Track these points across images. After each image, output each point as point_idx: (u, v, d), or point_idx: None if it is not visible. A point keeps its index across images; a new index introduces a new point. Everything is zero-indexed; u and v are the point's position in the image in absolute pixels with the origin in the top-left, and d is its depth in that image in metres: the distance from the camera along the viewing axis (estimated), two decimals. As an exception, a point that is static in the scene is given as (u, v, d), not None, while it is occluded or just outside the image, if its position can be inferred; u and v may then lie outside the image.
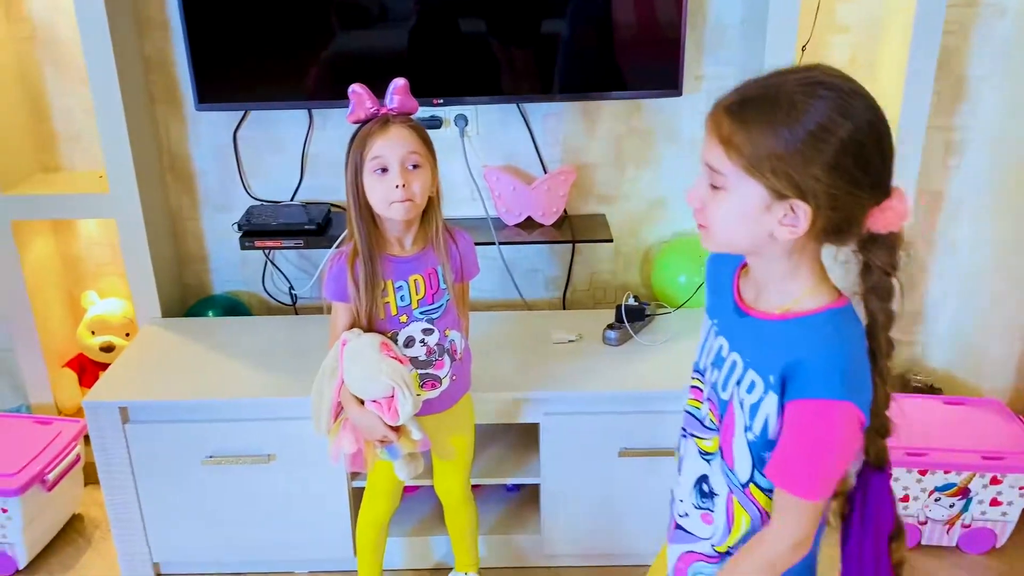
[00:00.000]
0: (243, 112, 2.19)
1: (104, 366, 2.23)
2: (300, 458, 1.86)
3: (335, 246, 2.04)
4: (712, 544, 1.11)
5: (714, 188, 0.97)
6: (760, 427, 0.99)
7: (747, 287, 1.06)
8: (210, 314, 2.27)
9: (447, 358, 1.59)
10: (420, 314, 1.55)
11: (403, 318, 1.54)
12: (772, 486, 1.02)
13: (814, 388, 0.94)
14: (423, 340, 1.55)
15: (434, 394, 1.59)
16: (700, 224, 1.00)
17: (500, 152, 2.23)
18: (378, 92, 1.46)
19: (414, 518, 2.03)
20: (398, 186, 1.43)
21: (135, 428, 1.86)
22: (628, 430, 1.85)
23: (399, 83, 1.46)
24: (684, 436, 1.15)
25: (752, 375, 1.00)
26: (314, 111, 2.19)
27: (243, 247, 2.12)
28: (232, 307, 2.31)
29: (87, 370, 2.35)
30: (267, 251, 2.29)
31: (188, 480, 1.89)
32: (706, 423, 1.10)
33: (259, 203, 2.26)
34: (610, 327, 2.01)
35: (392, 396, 1.46)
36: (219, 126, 2.21)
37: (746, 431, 1.01)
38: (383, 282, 1.52)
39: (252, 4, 1.99)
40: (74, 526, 2.18)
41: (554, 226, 2.20)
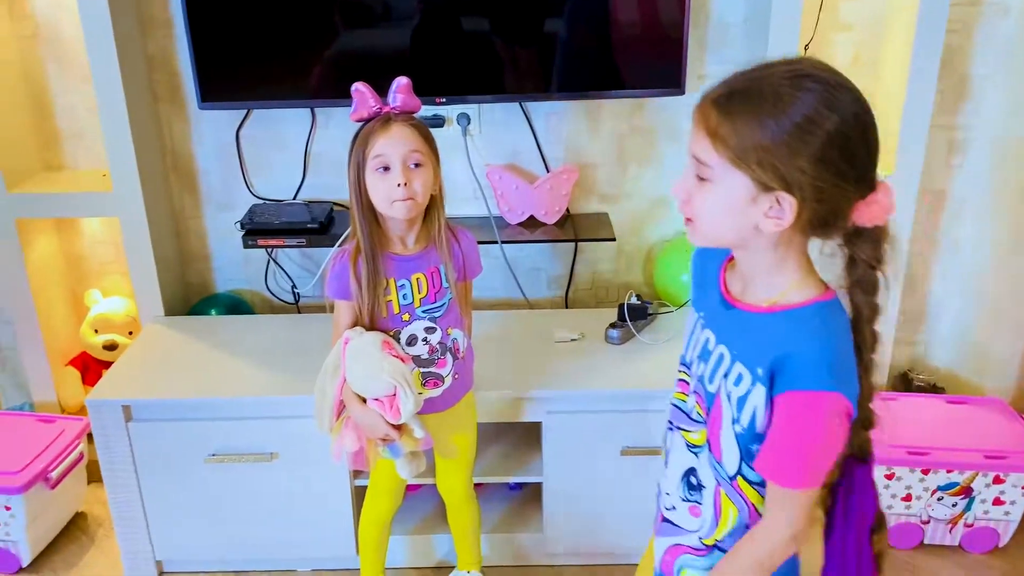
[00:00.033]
0: (246, 111, 2.19)
1: (107, 364, 2.24)
2: (303, 456, 1.87)
3: (338, 245, 2.04)
4: (700, 537, 1.11)
5: (700, 180, 0.97)
6: (748, 419, 1.00)
7: (733, 280, 1.07)
8: (213, 313, 2.27)
9: (449, 357, 1.59)
10: (423, 313, 1.55)
11: (405, 316, 1.54)
12: (760, 479, 1.03)
13: (803, 380, 0.94)
14: (426, 339, 1.56)
15: (436, 392, 1.59)
16: (687, 218, 1.01)
17: (503, 151, 2.23)
18: (381, 91, 1.46)
19: (416, 516, 2.04)
20: (400, 185, 1.43)
21: (138, 426, 1.86)
22: (630, 429, 1.85)
23: (402, 82, 1.46)
24: (670, 429, 1.15)
25: (739, 367, 1.00)
26: (317, 110, 2.19)
27: (246, 246, 2.12)
28: (235, 306, 2.32)
29: (90, 368, 2.36)
30: (270, 250, 2.29)
31: (191, 478, 1.89)
32: (693, 416, 1.10)
33: (262, 202, 2.26)
34: (612, 326, 2.01)
35: (394, 394, 1.46)
36: (222, 125, 2.21)
37: (734, 423, 1.02)
38: (385, 280, 1.52)
39: (255, 3, 2.00)
40: (77, 524, 2.18)
41: (556, 225, 2.20)
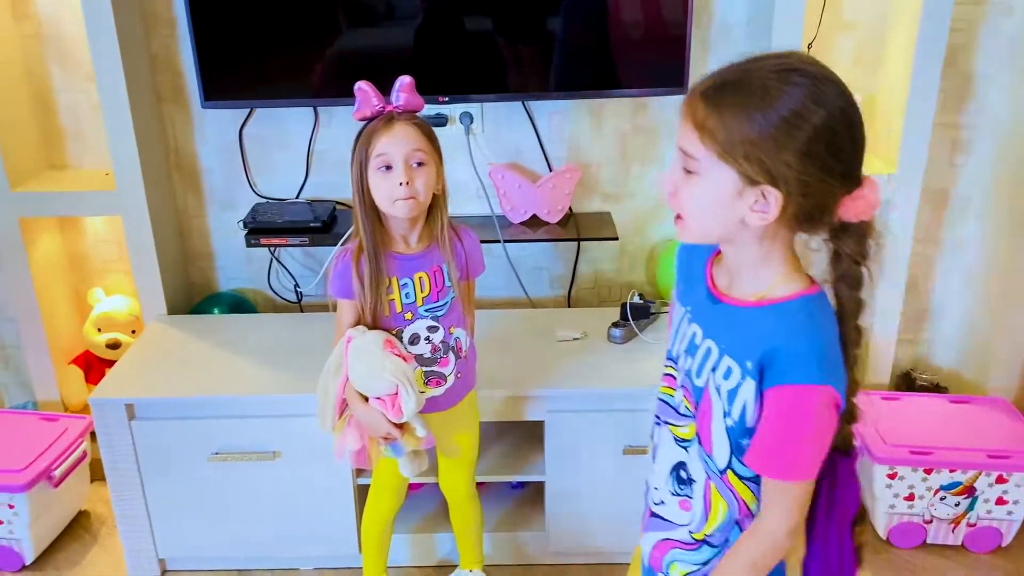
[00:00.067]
0: (249, 110, 2.19)
1: (110, 363, 2.24)
2: (305, 455, 1.87)
3: (340, 243, 2.04)
4: (689, 531, 1.11)
5: (687, 173, 0.97)
6: (739, 413, 1.00)
7: (720, 274, 1.07)
8: (216, 311, 2.27)
9: (452, 356, 1.59)
10: (425, 311, 1.55)
11: (408, 315, 1.54)
12: (750, 475, 1.03)
13: (793, 374, 0.95)
14: (428, 337, 1.56)
15: (439, 391, 1.59)
16: (676, 216, 1.01)
17: (505, 150, 2.23)
18: (383, 90, 1.46)
19: (419, 515, 2.04)
20: (402, 183, 1.43)
21: (141, 425, 1.86)
22: (632, 428, 1.85)
23: (405, 81, 1.46)
24: (658, 424, 1.15)
25: (728, 361, 1.01)
26: (320, 109, 2.19)
27: (249, 244, 2.12)
28: (238, 304, 2.32)
29: (93, 367, 2.36)
30: (273, 248, 2.29)
31: (194, 477, 1.90)
32: (681, 410, 1.10)
33: (265, 201, 2.26)
34: (615, 325, 2.01)
35: (396, 393, 1.46)
36: (225, 124, 2.22)
37: (725, 417, 1.02)
38: (388, 279, 1.52)
39: (259, 2, 2.00)
40: (80, 522, 2.19)
41: (559, 224, 2.20)
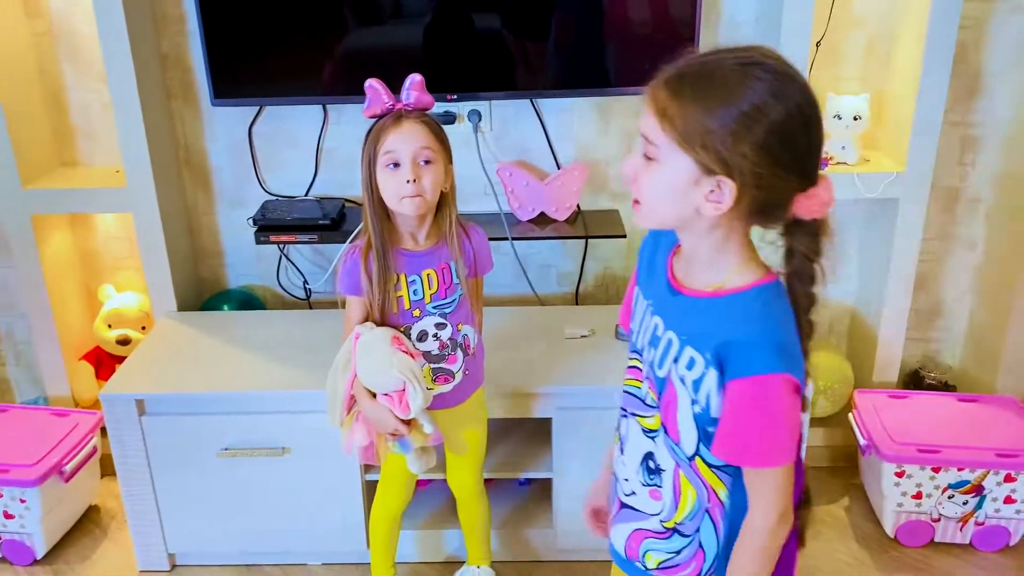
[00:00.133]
0: (258, 107, 2.20)
1: (120, 359, 2.26)
2: (314, 451, 1.88)
3: (349, 241, 2.05)
4: (661, 520, 1.12)
5: (647, 159, 0.99)
6: (704, 401, 1.01)
7: (679, 266, 1.08)
8: (225, 308, 2.28)
9: (460, 353, 1.59)
10: (433, 309, 1.55)
11: (416, 312, 1.55)
12: (719, 463, 1.04)
13: (753, 365, 0.96)
14: (436, 334, 1.56)
15: (447, 388, 1.59)
16: (635, 200, 1.02)
17: (513, 148, 2.23)
18: (392, 88, 1.47)
19: (427, 511, 2.04)
20: (409, 181, 1.43)
21: (151, 420, 1.88)
22: (640, 425, 1.85)
23: (415, 79, 1.47)
24: (624, 416, 1.16)
25: (690, 351, 1.02)
26: (329, 106, 2.19)
27: (258, 242, 2.13)
28: (247, 301, 2.33)
29: (104, 363, 2.37)
30: (282, 246, 2.30)
31: (203, 472, 1.91)
32: (647, 401, 1.11)
33: (274, 198, 2.27)
34: (623, 322, 2.01)
35: (403, 390, 1.47)
36: (234, 121, 2.23)
37: (693, 404, 1.03)
38: (396, 276, 1.52)
39: (268, 0, 2.01)
40: (91, 517, 2.20)
41: (567, 222, 2.20)
